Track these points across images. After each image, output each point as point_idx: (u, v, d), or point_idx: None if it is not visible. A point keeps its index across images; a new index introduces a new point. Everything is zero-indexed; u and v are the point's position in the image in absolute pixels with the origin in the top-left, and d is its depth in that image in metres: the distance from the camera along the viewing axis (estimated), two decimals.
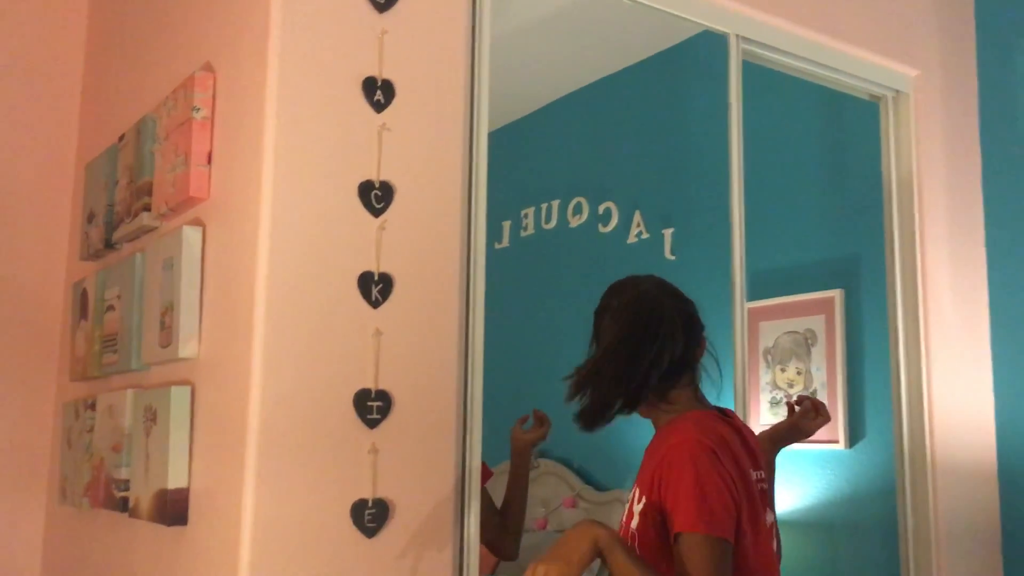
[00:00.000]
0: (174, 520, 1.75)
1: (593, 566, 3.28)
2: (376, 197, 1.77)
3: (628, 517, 1.66)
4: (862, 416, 2.97)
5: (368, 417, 1.71)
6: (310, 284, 1.68)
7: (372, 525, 1.69)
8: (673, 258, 3.52)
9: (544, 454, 3.90)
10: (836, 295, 3.06)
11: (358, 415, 1.70)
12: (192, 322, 1.81)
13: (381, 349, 1.74)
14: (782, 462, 2.07)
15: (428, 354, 1.79)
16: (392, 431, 1.73)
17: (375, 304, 1.75)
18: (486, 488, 2.11)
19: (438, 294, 1.82)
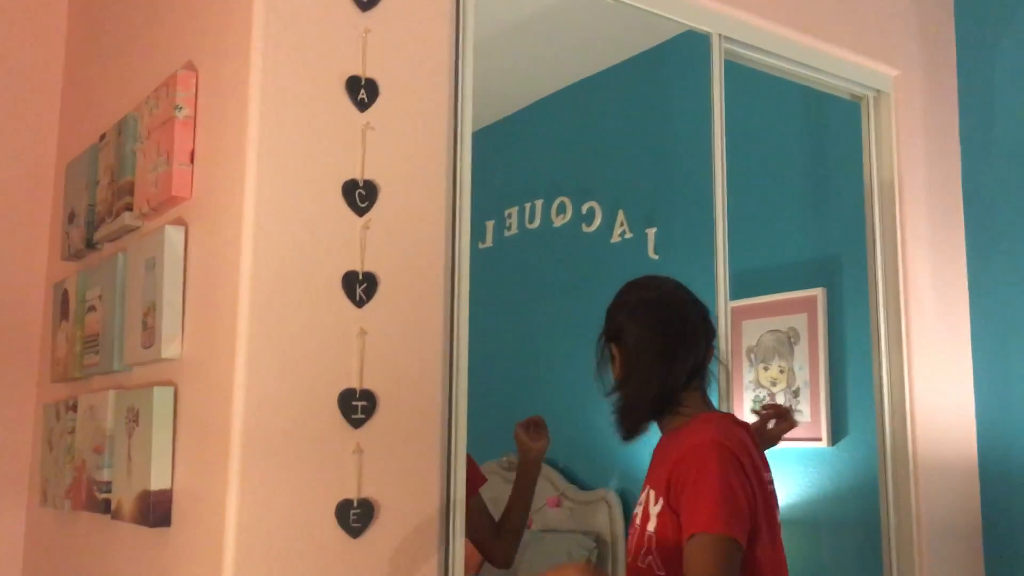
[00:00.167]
0: (157, 522, 1.74)
1: None
2: (360, 196, 1.76)
3: (644, 519, 1.66)
4: (844, 414, 2.98)
5: (353, 417, 1.70)
6: (294, 284, 1.68)
7: (357, 525, 1.68)
8: (656, 257, 3.53)
9: None
10: (818, 294, 3.07)
11: (343, 415, 1.70)
12: (175, 322, 1.80)
13: (366, 349, 1.73)
14: None
15: (413, 354, 1.79)
16: (377, 431, 1.73)
17: (359, 303, 1.74)
18: (480, 493, 2.11)
19: (423, 293, 1.82)
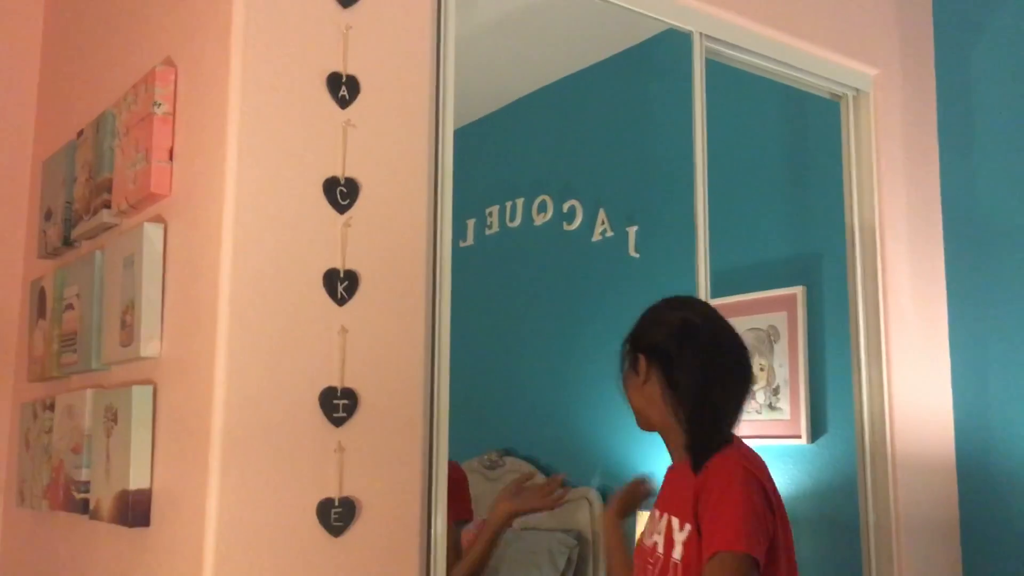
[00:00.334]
0: (136, 521, 1.73)
1: (559, 564, 3.29)
2: (341, 194, 1.75)
3: (667, 546, 1.66)
4: (824, 412, 3.00)
5: (334, 415, 1.70)
6: (274, 281, 1.67)
7: (338, 524, 1.67)
8: (637, 256, 3.53)
9: (510, 452, 3.90)
10: (798, 292, 3.09)
11: (324, 413, 1.69)
12: (154, 321, 1.79)
13: (347, 347, 1.73)
14: None
15: (394, 352, 1.79)
16: (358, 429, 1.72)
17: (341, 302, 1.73)
18: (456, 528, 2.06)
19: (404, 291, 1.81)
